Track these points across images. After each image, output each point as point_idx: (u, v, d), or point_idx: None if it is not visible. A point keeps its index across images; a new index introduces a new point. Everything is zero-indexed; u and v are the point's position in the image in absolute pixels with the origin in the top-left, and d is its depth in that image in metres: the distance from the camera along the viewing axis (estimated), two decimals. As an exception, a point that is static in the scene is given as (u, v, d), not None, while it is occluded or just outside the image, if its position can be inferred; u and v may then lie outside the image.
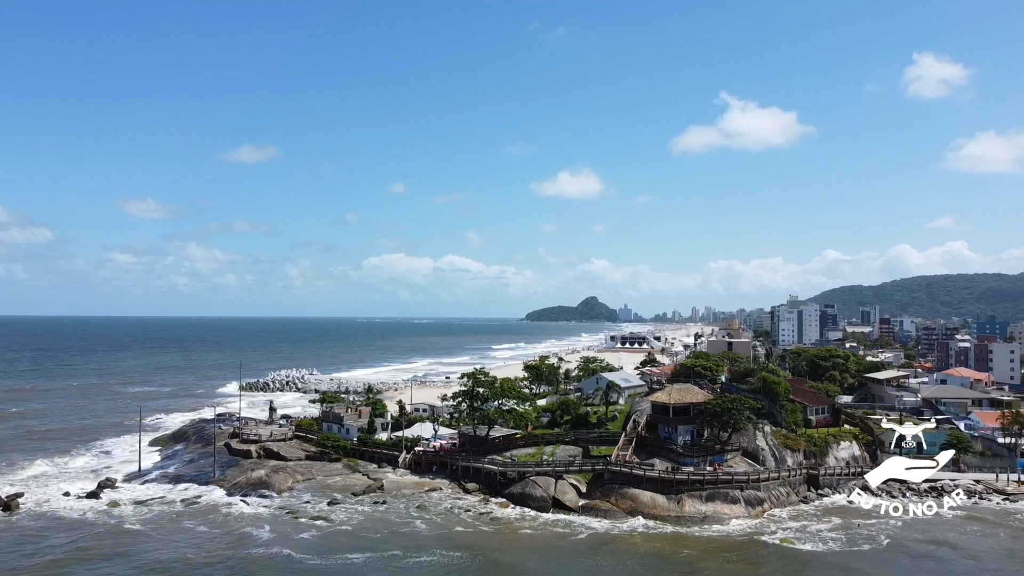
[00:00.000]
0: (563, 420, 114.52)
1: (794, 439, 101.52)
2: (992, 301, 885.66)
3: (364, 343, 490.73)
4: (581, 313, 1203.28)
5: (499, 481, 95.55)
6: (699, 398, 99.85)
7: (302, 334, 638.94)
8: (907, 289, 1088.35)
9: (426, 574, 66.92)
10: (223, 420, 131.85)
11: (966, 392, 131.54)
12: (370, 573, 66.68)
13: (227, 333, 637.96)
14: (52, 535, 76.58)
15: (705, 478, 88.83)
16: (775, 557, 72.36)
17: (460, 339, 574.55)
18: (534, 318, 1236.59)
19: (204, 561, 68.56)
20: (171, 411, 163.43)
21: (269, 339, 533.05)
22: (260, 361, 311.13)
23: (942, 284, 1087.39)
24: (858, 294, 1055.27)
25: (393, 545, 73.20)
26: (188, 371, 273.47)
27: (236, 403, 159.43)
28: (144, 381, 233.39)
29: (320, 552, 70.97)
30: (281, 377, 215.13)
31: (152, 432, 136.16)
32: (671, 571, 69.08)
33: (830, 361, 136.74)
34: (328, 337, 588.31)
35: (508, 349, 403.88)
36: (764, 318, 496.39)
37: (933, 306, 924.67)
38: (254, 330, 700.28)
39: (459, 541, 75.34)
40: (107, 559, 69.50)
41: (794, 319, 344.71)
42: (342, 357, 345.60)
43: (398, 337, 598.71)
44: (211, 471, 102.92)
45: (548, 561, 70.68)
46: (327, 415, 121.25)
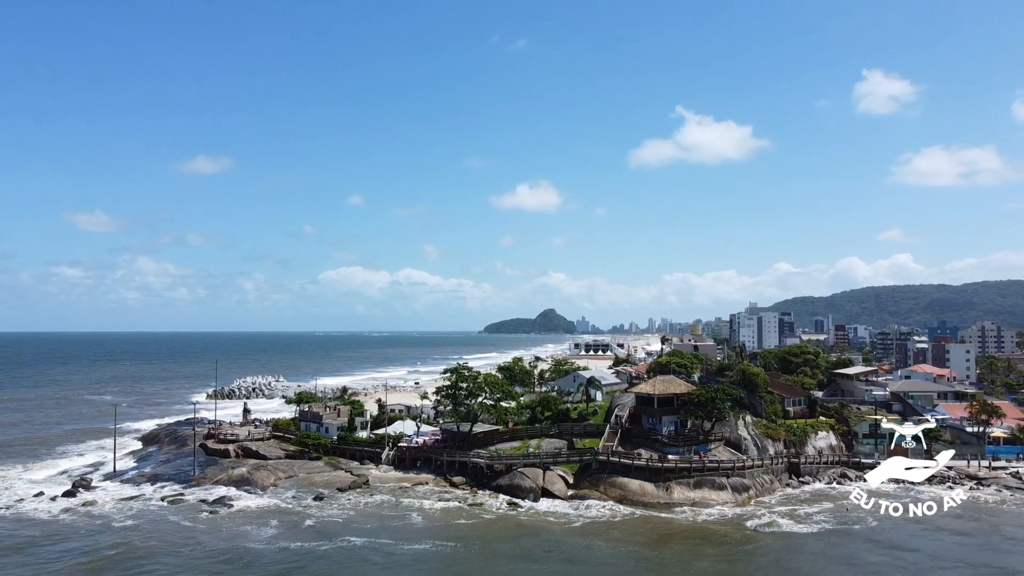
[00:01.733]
0: (544, 416, 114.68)
1: (774, 429, 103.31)
2: (937, 311, 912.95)
3: (328, 354, 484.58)
4: (539, 325, 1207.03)
5: (486, 474, 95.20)
6: (683, 389, 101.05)
7: (262, 346, 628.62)
8: (857, 300, 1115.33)
9: (426, 558, 66.44)
10: (196, 423, 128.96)
11: (932, 386, 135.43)
12: (372, 556, 65.95)
13: (183, 347, 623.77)
14: (32, 536, 73.14)
15: (692, 466, 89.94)
16: (769, 538, 73.42)
17: (425, 350, 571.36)
18: (492, 330, 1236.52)
19: (207, 554, 66.71)
20: (139, 418, 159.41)
21: (228, 351, 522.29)
22: (222, 371, 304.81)
23: (890, 295, 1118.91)
24: (809, 305, 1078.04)
25: (388, 534, 72.49)
26: (150, 381, 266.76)
27: (207, 408, 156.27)
28: (105, 391, 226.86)
29: (320, 539, 70.10)
30: (248, 384, 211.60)
31: (121, 436, 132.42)
32: (669, 552, 69.58)
33: (801, 357, 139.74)
34: (290, 349, 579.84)
35: (476, 358, 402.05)
36: (722, 327, 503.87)
37: (882, 316, 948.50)
38: (210, 344, 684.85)
39: (453, 529, 75.10)
40: (101, 557, 66.61)
41: (754, 325, 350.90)
42: (308, 367, 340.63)
43: (362, 348, 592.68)
44: (189, 470, 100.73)
45: (544, 546, 70.60)
46: (305, 414, 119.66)
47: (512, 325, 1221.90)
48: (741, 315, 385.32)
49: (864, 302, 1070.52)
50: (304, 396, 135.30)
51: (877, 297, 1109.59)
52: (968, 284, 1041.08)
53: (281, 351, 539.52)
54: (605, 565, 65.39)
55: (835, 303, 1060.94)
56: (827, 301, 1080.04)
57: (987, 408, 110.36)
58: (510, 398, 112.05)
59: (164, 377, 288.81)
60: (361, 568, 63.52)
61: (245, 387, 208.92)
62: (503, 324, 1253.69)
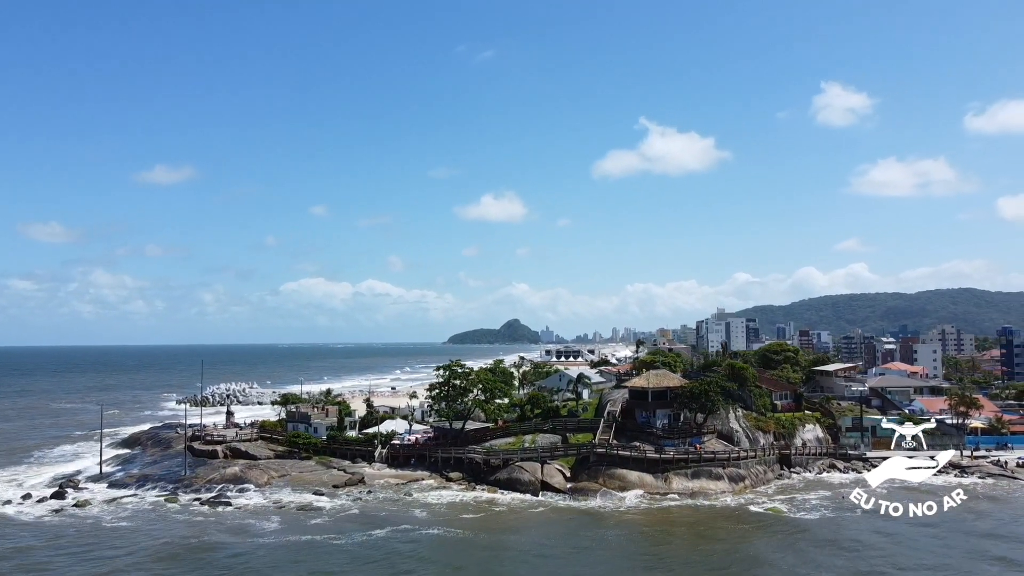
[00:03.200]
0: (533, 414, 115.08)
1: (765, 421, 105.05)
2: (893, 319, 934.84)
3: (299, 364, 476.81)
4: (504, 336, 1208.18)
5: (483, 469, 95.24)
6: (676, 382, 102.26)
7: (226, 358, 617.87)
8: (815, 308, 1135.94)
9: (448, 547, 66.27)
10: (178, 426, 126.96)
11: (909, 381, 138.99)
12: (398, 546, 65.45)
13: (144, 359, 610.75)
14: (25, 539, 70.41)
15: (689, 457, 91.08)
16: (773, 522, 74.74)
17: (397, 359, 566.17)
18: (456, 341, 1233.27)
19: (221, 549, 65.05)
20: (113, 425, 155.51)
21: (193, 363, 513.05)
22: (190, 379, 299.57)
23: (847, 303, 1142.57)
24: (769, 313, 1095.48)
25: (401, 526, 72.01)
26: (118, 390, 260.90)
27: (181, 414, 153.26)
28: (76, 399, 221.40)
29: (331, 533, 69.22)
30: (222, 390, 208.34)
31: (96, 441, 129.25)
32: (680, 536, 70.34)
33: (781, 355, 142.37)
34: (257, 360, 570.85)
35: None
36: (688, 334, 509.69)
37: (839, 324, 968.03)
38: (171, 356, 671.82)
39: (463, 521, 74.81)
40: (98, 556, 64.62)
41: (722, 331, 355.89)
42: (280, 375, 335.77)
43: (332, 359, 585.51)
44: (178, 471, 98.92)
45: (557, 533, 71.00)
46: (293, 415, 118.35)
47: (476, 336, 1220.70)
48: (709, 321, 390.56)
49: (822, 310, 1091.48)
50: (290, 398, 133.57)
51: (835, 305, 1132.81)
52: (922, 292, 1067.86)
53: (248, 362, 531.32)
54: (621, 550, 66.00)
55: (794, 311, 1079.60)
56: (786, 310, 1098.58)
57: (966, 400, 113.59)
58: (503, 395, 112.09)
59: (131, 386, 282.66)
60: (387, 559, 62.64)
61: (219, 394, 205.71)
62: (467, 335, 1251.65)
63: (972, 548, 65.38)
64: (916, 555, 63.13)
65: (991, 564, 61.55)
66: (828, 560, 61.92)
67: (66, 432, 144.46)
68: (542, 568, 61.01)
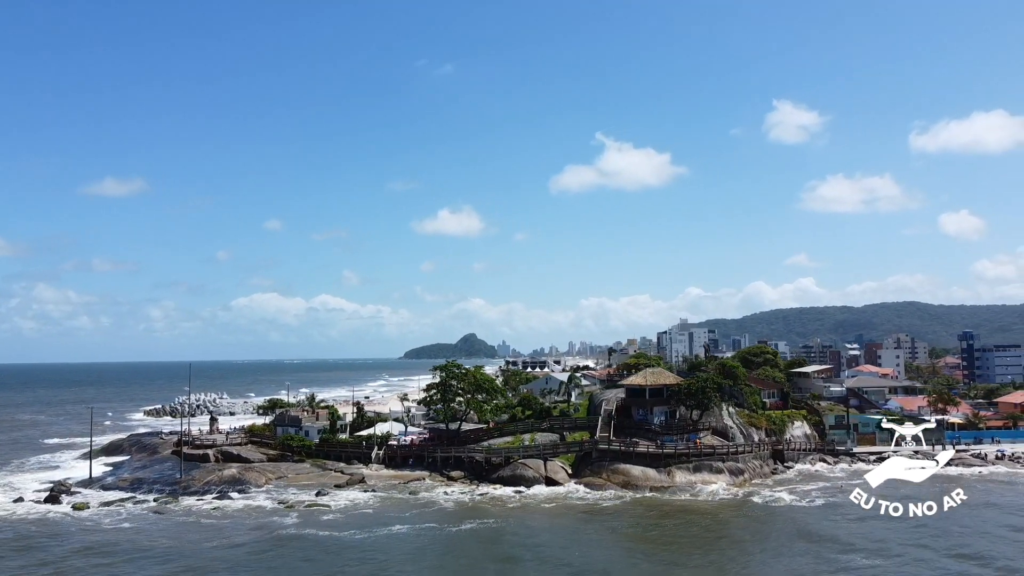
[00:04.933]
0: (525, 415, 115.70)
1: (757, 418, 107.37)
2: (843, 331, 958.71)
3: (264, 377, 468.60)
4: (461, 350, 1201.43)
5: (484, 467, 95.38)
6: (672, 380, 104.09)
7: (181, 373, 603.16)
8: (766, 321, 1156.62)
9: (474, 538, 66.41)
10: (159, 434, 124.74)
11: (885, 381, 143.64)
12: (427, 544, 65.23)
13: (92, 375, 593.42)
14: (36, 539, 67.86)
15: (690, 451, 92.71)
16: (780, 509, 76.70)
17: (359, 373, 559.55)
18: (413, 356, 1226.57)
19: (246, 546, 63.69)
20: (85, 435, 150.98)
21: (148, 378, 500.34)
22: (153, 393, 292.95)
23: (797, 316, 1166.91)
24: (722, 327, 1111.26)
25: (420, 520, 71.82)
26: (79, 403, 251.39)
27: (153, 424, 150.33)
28: (36, 411, 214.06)
29: (352, 529, 68.53)
30: (191, 402, 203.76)
31: (77, 450, 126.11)
32: (695, 524, 71.39)
33: (761, 357, 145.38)
34: (217, 375, 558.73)
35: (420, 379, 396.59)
36: (649, 346, 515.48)
37: (790, 336, 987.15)
38: (123, 372, 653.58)
39: (483, 512, 75.04)
40: (113, 558, 62.06)
41: (685, 341, 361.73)
42: (249, 388, 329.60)
43: (290, 373, 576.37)
44: (171, 475, 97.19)
45: (577, 522, 71.73)
46: (282, 418, 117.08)
47: (433, 350, 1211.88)
48: (672, 331, 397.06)
49: (773, 323, 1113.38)
50: (279, 403, 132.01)
51: (785, 319, 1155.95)
52: (868, 306, 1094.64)
53: (209, 377, 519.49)
54: (640, 538, 67.10)
55: (746, 325, 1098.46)
56: (738, 323, 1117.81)
57: (944, 398, 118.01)
58: (500, 395, 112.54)
59: (90, 400, 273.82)
60: (421, 551, 62.48)
61: (188, 404, 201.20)
62: (424, 350, 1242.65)
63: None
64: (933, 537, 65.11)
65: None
66: (851, 538, 63.75)
67: (37, 442, 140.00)
68: (578, 551, 61.58)
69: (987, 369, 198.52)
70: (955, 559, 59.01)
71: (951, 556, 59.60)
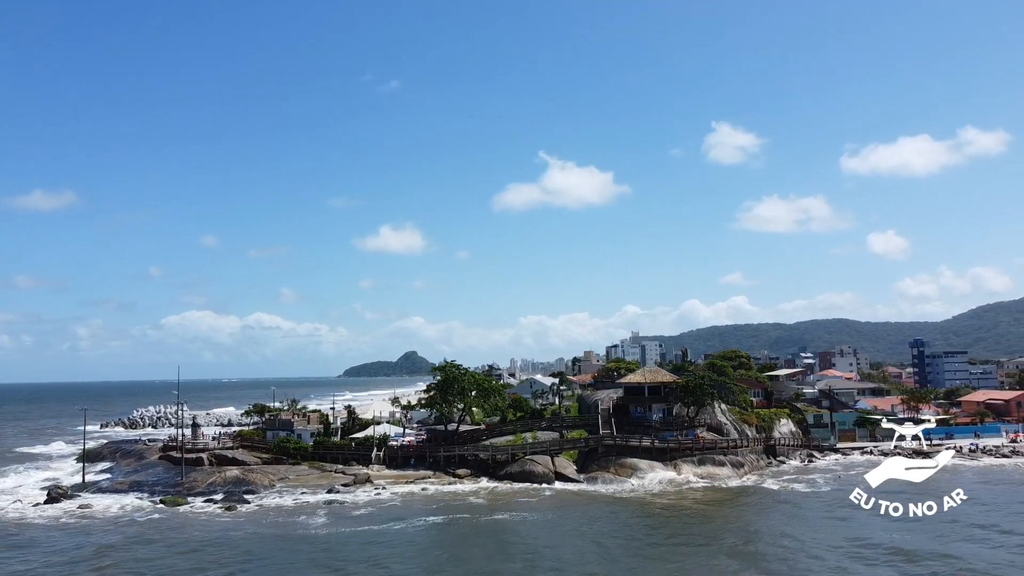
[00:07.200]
0: (516, 416, 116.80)
1: (748, 416, 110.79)
2: (778, 347, 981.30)
3: (205, 394, 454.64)
4: (402, 368, 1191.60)
5: (490, 465, 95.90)
6: (670, 378, 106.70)
7: (113, 393, 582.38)
8: (703, 338, 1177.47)
9: (511, 524, 67.08)
10: (138, 440, 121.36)
11: (854, 383, 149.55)
12: (470, 527, 65.55)
13: (24, 396, 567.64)
14: (53, 540, 65.83)
15: (693, 445, 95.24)
16: (793, 495, 79.51)
17: (312, 388, 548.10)
18: (353, 374, 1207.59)
19: (283, 539, 62.51)
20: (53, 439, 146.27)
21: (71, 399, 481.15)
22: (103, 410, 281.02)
23: (732, 333, 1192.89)
24: (662, 343, 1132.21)
25: (453, 513, 71.86)
26: (30, 419, 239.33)
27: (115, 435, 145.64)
28: None
29: (390, 522, 68.10)
30: (151, 414, 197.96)
31: (44, 459, 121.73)
32: (714, 511, 73.35)
33: (736, 360, 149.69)
34: (154, 393, 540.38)
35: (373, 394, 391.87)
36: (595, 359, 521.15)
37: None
38: (53, 393, 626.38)
39: (512, 506, 75.33)
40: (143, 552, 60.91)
41: (639, 354, 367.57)
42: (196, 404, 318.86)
43: (233, 390, 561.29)
44: (167, 477, 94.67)
45: (599, 511, 72.86)
46: (273, 421, 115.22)
47: (373, 368, 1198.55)
48: (624, 344, 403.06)
49: (710, 340, 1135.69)
50: (267, 408, 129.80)
51: (721, 335, 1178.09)
52: (800, 323, 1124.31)
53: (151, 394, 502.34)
54: (678, 515, 68.95)
55: (683, 341, 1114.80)
56: (676, 339, 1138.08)
57: (917, 396, 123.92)
58: (498, 395, 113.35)
59: (39, 416, 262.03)
60: (475, 540, 62.64)
61: (148, 416, 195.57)
62: (364, 367, 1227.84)
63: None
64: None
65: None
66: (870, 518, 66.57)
67: (6, 451, 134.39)
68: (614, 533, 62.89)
69: (938, 374, 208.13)
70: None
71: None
